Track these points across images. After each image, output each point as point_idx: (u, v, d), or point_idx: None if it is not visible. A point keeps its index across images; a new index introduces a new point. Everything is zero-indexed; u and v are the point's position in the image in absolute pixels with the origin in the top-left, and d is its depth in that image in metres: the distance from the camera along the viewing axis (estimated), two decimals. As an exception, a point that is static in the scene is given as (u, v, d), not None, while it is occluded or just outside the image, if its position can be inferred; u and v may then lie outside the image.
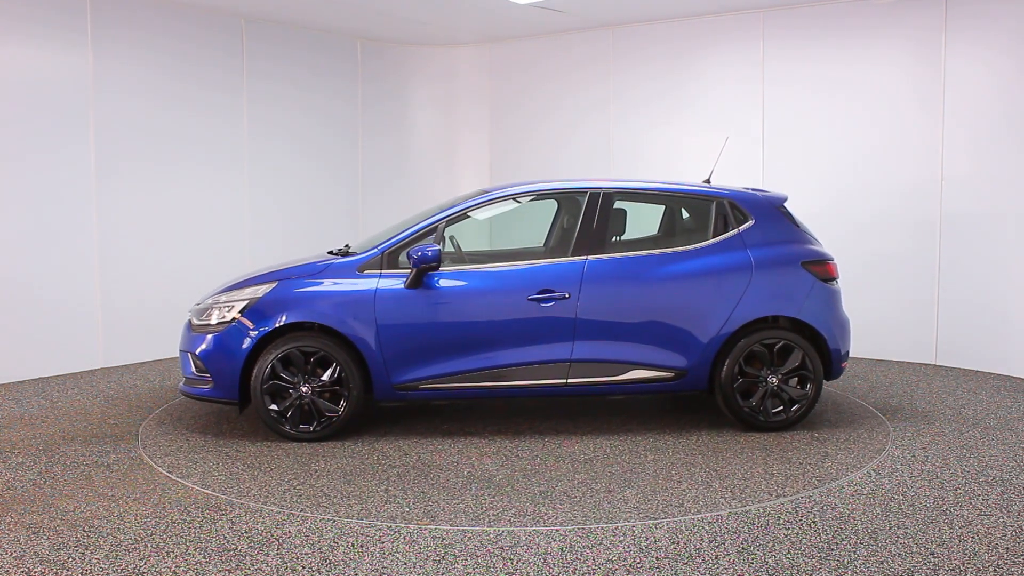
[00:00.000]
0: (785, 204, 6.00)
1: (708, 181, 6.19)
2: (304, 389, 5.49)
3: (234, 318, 5.53)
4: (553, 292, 5.53)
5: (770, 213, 5.87)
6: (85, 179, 7.59)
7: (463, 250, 6.29)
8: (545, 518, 4.24)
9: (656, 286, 5.62)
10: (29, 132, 7.25)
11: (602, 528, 4.11)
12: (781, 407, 5.68)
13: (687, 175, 8.12)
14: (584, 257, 5.64)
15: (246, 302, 5.55)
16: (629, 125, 9.31)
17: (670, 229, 6.21)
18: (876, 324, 7.94)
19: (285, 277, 5.63)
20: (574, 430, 5.80)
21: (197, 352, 5.61)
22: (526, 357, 5.55)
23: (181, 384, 5.84)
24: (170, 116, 8.18)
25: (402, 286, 5.51)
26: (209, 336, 5.58)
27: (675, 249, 5.78)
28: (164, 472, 4.94)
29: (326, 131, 9.63)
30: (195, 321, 5.74)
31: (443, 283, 5.55)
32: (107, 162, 7.72)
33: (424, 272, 5.50)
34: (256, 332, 5.47)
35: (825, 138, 8.25)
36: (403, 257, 5.58)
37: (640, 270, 5.66)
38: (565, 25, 9.33)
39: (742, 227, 5.79)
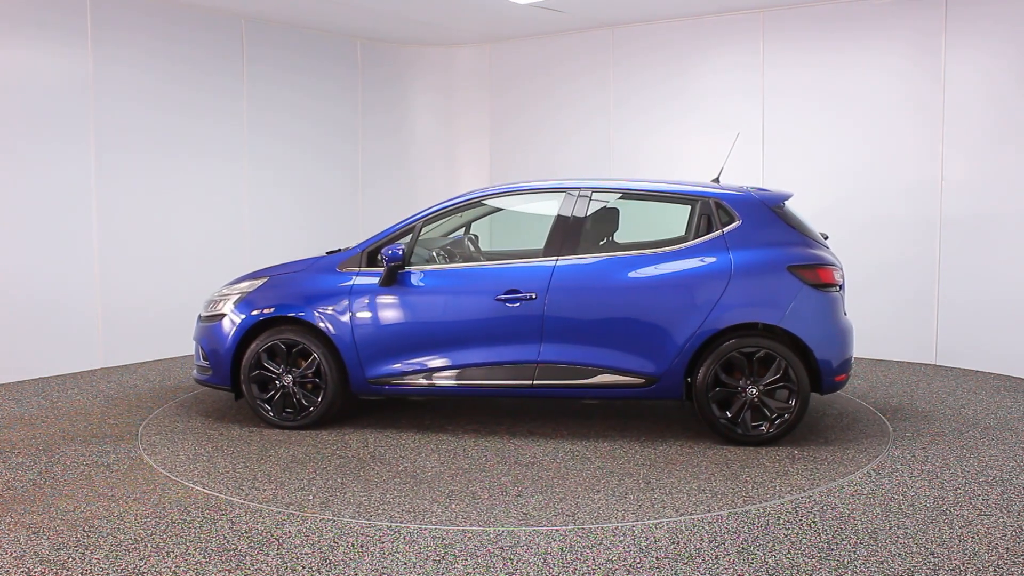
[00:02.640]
0: (783, 204, 5.65)
1: (717, 180, 6.03)
2: (287, 380, 5.71)
3: (228, 310, 5.85)
4: (519, 292, 5.48)
5: (760, 214, 5.49)
6: (85, 179, 7.59)
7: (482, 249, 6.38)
8: (428, 516, 4.24)
9: (626, 289, 5.42)
10: (29, 132, 7.24)
11: (602, 528, 4.11)
12: (763, 421, 5.33)
13: (688, 174, 8.13)
14: (555, 258, 5.55)
15: (239, 296, 5.88)
16: (629, 124, 9.31)
17: (688, 230, 5.97)
18: (876, 324, 7.93)
19: (276, 273, 5.97)
20: (551, 433, 5.73)
21: (201, 341, 5.98)
22: (493, 357, 5.52)
23: (193, 372, 6.19)
24: (170, 116, 8.17)
25: (376, 284, 5.64)
26: (209, 327, 5.93)
27: (650, 251, 5.54)
28: (164, 472, 4.94)
29: (326, 131, 9.62)
30: (202, 313, 6.10)
31: (416, 282, 5.64)
32: (107, 162, 7.72)
33: (395, 270, 5.60)
34: (243, 324, 5.76)
35: (825, 139, 8.23)
36: (379, 256, 5.68)
37: (610, 272, 5.47)
38: (565, 25, 9.33)
39: (726, 228, 5.45)
